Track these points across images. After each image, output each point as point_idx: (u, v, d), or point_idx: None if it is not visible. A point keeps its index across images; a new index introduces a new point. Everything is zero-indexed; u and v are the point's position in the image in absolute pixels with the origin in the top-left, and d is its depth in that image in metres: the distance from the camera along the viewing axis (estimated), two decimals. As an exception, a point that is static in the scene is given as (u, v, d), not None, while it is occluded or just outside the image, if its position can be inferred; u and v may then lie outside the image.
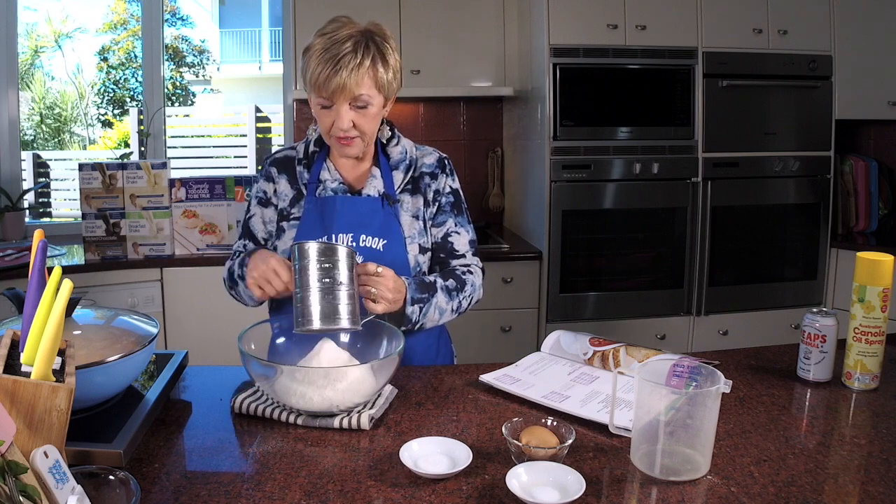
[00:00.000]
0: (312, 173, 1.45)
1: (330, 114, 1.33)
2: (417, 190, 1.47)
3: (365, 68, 1.30)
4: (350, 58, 1.28)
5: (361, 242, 1.40)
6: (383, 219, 1.42)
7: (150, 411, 1.08)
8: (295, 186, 1.47)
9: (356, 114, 1.33)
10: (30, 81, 5.49)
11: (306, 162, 1.47)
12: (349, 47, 1.29)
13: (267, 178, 1.50)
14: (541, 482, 0.91)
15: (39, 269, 0.91)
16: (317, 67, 1.29)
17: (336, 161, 1.47)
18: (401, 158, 1.47)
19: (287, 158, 1.50)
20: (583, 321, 2.88)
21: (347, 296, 1.18)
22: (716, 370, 0.98)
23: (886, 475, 0.95)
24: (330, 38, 1.31)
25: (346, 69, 1.28)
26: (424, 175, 1.48)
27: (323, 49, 1.30)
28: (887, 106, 3.09)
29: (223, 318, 2.72)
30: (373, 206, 1.42)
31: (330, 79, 1.28)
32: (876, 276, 1.23)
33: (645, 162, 2.86)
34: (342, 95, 1.30)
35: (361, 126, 1.35)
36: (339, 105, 1.31)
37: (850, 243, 3.10)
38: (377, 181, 1.44)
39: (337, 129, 1.33)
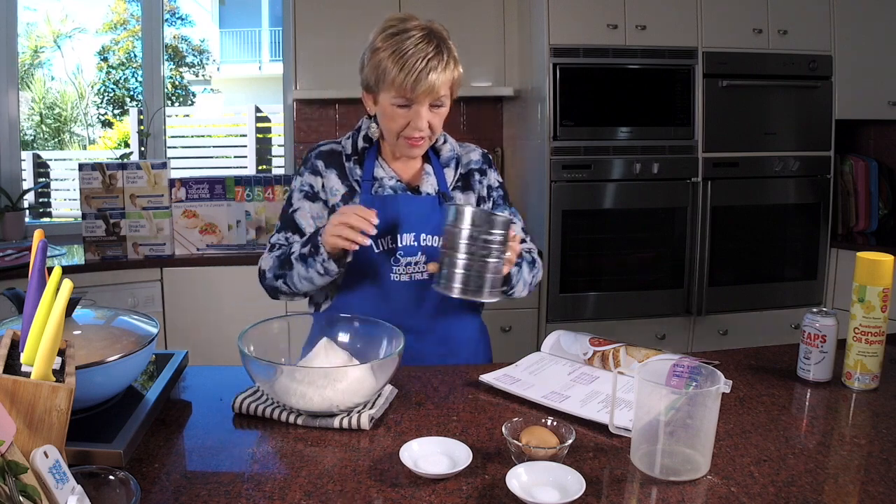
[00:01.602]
0: (366, 170, 1.44)
1: (407, 114, 1.34)
2: (469, 186, 1.50)
3: (449, 70, 1.32)
4: (437, 60, 1.30)
5: (422, 241, 1.41)
6: (441, 217, 1.42)
7: (150, 411, 1.08)
8: (346, 182, 1.45)
9: (431, 114, 1.35)
10: (30, 81, 5.49)
11: (356, 158, 1.46)
12: (433, 51, 1.30)
13: (313, 171, 1.47)
14: (541, 482, 0.91)
15: (39, 269, 0.91)
16: (402, 70, 1.29)
17: (388, 159, 1.47)
18: (451, 156, 1.50)
19: (333, 152, 1.48)
20: (583, 321, 2.88)
21: (494, 268, 1.17)
22: (716, 370, 0.98)
23: (886, 475, 0.95)
24: (405, 38, 1.31)
25: (435, 72, 1.29)
26: (474, 171, 1.52)
27: (405, 51, 1.30)
28: (887, 106, 3.09)
29: (223, 318, 2.72)
30: (431, 204, 1.44)
31: (419, 81, 1.29)
32: (876, 276, 1.23)
33: (645, 162, 2.86)
34: (428, 97, 1.32)
35: (434, 126, 1.37)
36: (420, 106, 1.33)
37: (850, 243, 3.10)
38: (432, 179, 1.46)
39: (413, 129, 1.35)
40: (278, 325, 1.30)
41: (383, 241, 1.41)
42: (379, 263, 1.41)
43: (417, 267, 1.42)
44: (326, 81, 3.05)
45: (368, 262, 1.41)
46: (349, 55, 3.01)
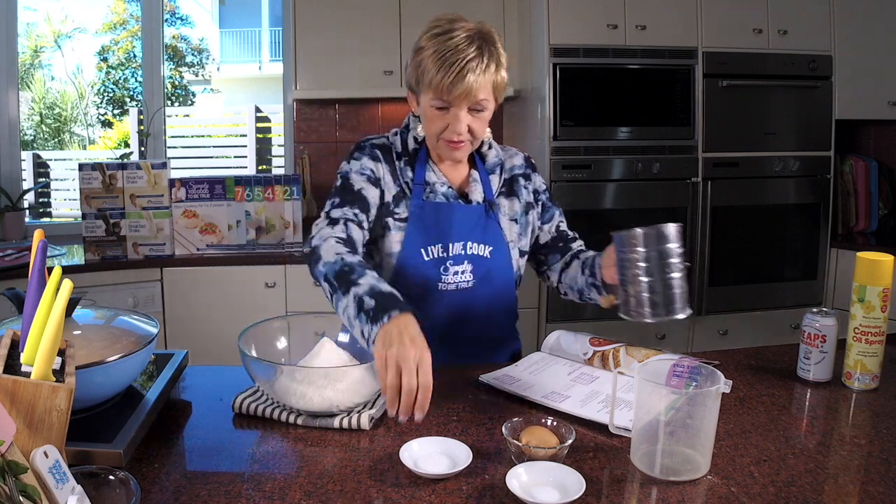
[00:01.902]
0: (417, 173, 1.40)
1: (445, 116, 1.30)
2: (512, 192, 1.47)
3: (490, 73, 1.27)
4: (477, 62, 1.25)
5: (469, 250, 1.39)
6: (486, 225, 1.41)
7: (150, 411, 1.08)
8: (397, 182, 1.40)
9: (472, 118, 1.30)
10: (30, 81, 5.49)
11: (408, 159, 1.41)
12: (474, 52, 1.26)
13: (373, 158, 1.40)
14: (541, 482, 0.91)
15: (39, 269, 0.91)
16: (440, 70, 1.25)
17: (437, 162, 1.43)
18: (496, 162, 1.47)
19: (385, 147, 1.43)
20: (583, 321, 2.88)
21: (679, 282, 1.09)
22: (716, 370, 0.98)
23: (886, 475, 0.95)
24: (448, 39, 1.27)
25: (473, 73, 1.25)
26: (518, 177, 1.49)
27: (445, 51, 1.26)
28: (887, 106, 3.09)
29: (223, 318, 2.72)
30: (479, 213, 1.41)
31: (456, 83, 1.25)
32: (876, 276, 1.23)
33: (645, 162, 2.86)
34: (465, 100, 1.27)
35: (475, 130, 1.32)
36: (459, 109, 1.29)
37: (850, 243, 3.10)
38: (479, 186, 1.43)
39: (451, 132, 1.31)
40: (278, 325, 1.30)
41: (433, 250, 1.37)
42: (427, 271, 1.37)
43: (464, 276, 1.39)
44: (326, 81, 3.06)
45: (417, 269, 1.37)
46: (349, 55, 3.04)
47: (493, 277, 1.42)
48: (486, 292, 1.42)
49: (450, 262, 1.38)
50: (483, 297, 1.42)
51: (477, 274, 1.40)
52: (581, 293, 1.42)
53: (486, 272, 1.41)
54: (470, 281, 1.40)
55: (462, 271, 1.39)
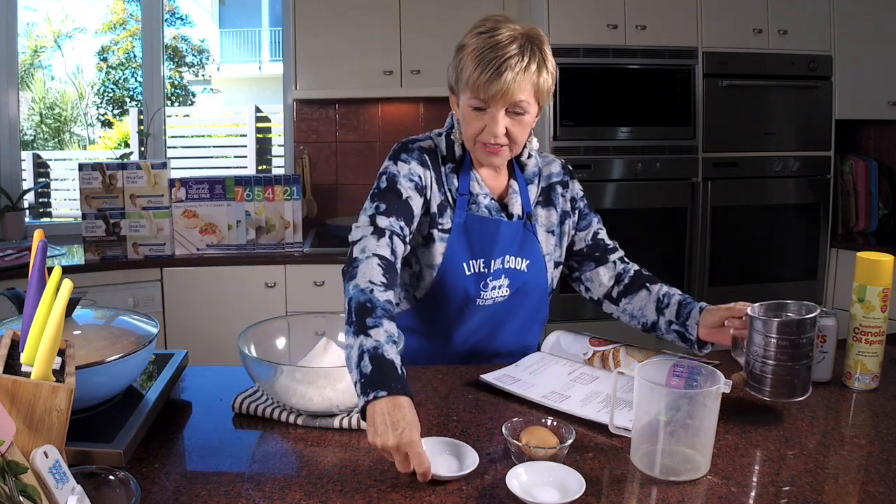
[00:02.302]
0: (462, 183, 1.34)
1: (483, 117, 1.25)
2: (549, 202, 1.43)
3: (530, 73, 1.22)
4: (516, 60, 1.20)
5: (507, 264, 1.36)
6: (524, 237, 1.38)
7: (150, 411, 1.08)
8: (442, 190, 1.34)
9: (511, 120, 1.25)
10: (30, 81, 5.49)
11: (454, 166, 1.35)
12: (514, 50, 1.20)
13: (422, 163, 1.32)
14: (541, 482, 0.91)
15: (39, 269, 0.92)
16: (477, 67, 1.21)
17: (479, 171, 1.37)
18: (534, 171, 1.42)
19: (432, 152, 1.35)
20: (583, 321, 2.87)
21: (805, 370, 1.11)
22: (716, 370, 0.98)
23: (886, 475, 0.95)
24: (490, 37, 1.22)
25: (512, 72, 1.19)
26: (556, 185, 1.44)
27: (484, 48, 1.21)
28: (887, 106, 3.09)
29: (223, 318, 2.72)
30: (518, 228, 1.37)
31: (492, 81, 1.20)
32: (876, 276, 1.23)
33: (645, 162, 2.86)
34: (502, 100, 1.22)
35: (514, 134, 1.26)
36: (496, 109, 1.23)
37: (850, 243, 3.10)
38: (517, 197, 1.38)
39: (488, 134, 1.25)
40: (278, 325, 1.30)
41: (475, 264, 1.34)
42: (468, 286, 1.34)
43: (500, 291, 1.37)
44: (326, 81, 3.05)
45: (457, 283, 1.34)
46: (349, 55, 3.04)
47: (528, 290, 1.40)
48: (521, 305, 1.40)
49: (490, 278, 1.36)
50: (517, 310, 1.40)
51: (512, 287, 1.38)
52: (651, 328, 1.39)
53: (521, 285, 1.38)
54: (506, 295, 1.38)
55: (499, 286, 1.37)
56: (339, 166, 3.39)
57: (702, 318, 1.29)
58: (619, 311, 1.44)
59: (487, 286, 1.36)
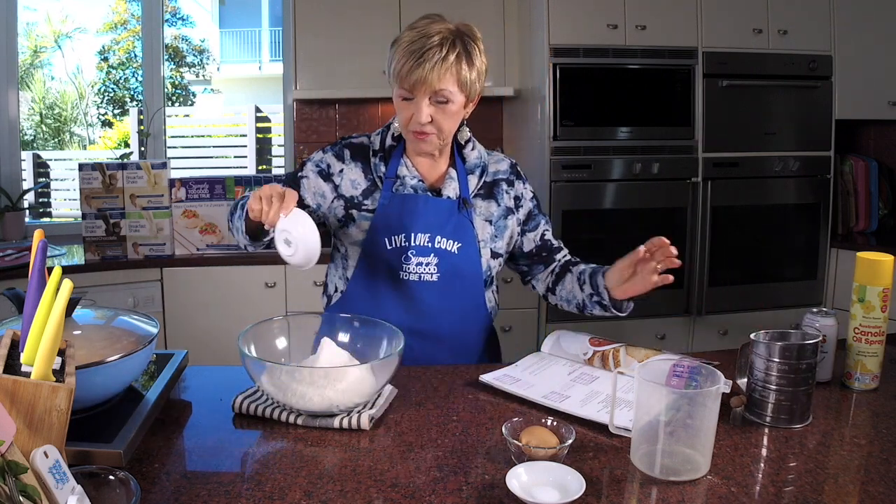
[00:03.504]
0: (390, 167, 1.44)
1: (410, 106, 1.34)
2: (491, 195, 1.49)
3: (449, 64, 1.30)
4: (435, 52, 1.29)
5: (437, 244, 1.41)
6: (458, 222, 1.43)
7: (150, 411, 1.08)
8: (369, 177, 1.45)
9: (435, 109, 1.34)
10: (30, 81, 5.49)
11: (383, 155, 1.46)
12: (436, 42, 1.30)
13: (337, 156, 1.48)
14: (541, 482, 0.91)
15: (39, 269, 0.91)
16: (401, 59, 1.30)
17: (413, 159, 1.46)
18: (476, 163, 1.49)
19: (363, 147, 1.49)
20: (583, 321, 2.87)
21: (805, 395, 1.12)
22: (716, 370, 0.98)
23: (886, 475, 0.95)
24: (419, 32, 1.32)
25: (430, 63, 1.28)
26: (500, 181, 1.51)
27: (410, 42, 1.31)
28: (887, 106, 3.09)
29: (223, 318, 2.72)
30: (450, 208, 1.43)
31: (412, 71, 1.29)
32: (876, 276, 1.23)
33: (645, 162, 2.86)
34: (423, 88, 1.31)
35: (439, 122, 1.35)
36: (420, 98, 1.32)
37: (850, 243, 3.10)
38: (454, 183, 1.45)
39: (415, 122, 1.34)
40: (278, 325, 1.30)
41: (396, 239, 1.41)
42: (390, 260, 1.41)
43: (428, 268, 1.41)
44: (326, 81, 3.06)
45: (380, 258, 1.42)
46: (349, 55, 3.04)
47: (459, 273, 1.44)
48: (453, 288, 1.44)
49: (412, 252, 1.41)
50: (449, 293, 1.44)
51: (442, 268, 1.42)
52: (582, 307, 1.48)
53: (451, 267, 1.42)
54: (434, 274, 1.42)
55: (426, 263, 1.41)
56: (339, 166, 3.38)
57: (606, 279, 1.41)
58: (557, 299, 1.54)
59: (410, 260, 1.41)
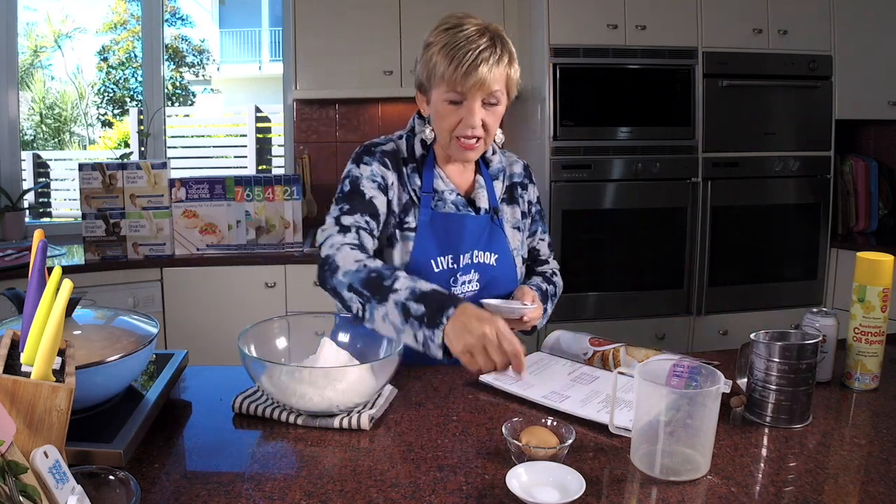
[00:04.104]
0: (425, 181, 1.36)
1: (458, 110, 1.28)
2: (513, 200, 1.46)
3: (504, 64, 1.26)
4: (490, 52, 1.24)
5: (475, 258, 1.38)
6: (491, 232, 1.40)
7: (150, 411, 1.08)
8: (405, 190, 1.36)
9: (485, 111, 1.28)
10: (30, 81, 5.49)
11: (415, 166, 1.37)
12: (486, 42, 1.25)
13: (384, 164, 1.35)
14: (541, 482, 0.91)
15: (39, 269, 0.91)
16: (452, 62, 1.24)
17: (444, 167, 1.39)
18: (499, 167, 1.46)
19: (394, 154, 1.38)
20: (583, 321, 2.88)
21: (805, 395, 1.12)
22: (716, 370, 0.98)
23: (886, 475, 0.95)
24: (458, 32, 1.26)
25: (487, 64, 1.23)
26: (517, 185, 1.48)
27: (456, 43, 1.25)
28: (887, 106, 3.09)
29: (223, 318, 2.72)
30: (486, 222, 1.40)
31: (470, 72, 1.23)
32: (876, 276, 1.23)
33: (645, 162, 2.86)
34: (479, 91, 1.25)
35: (489, 125, 1.29)
36: (473, 101, 1.26)
37: (850, 243, 3.10)
38: (484, 191, 1.40)
39: (465, 126, 1.28)
40: (278, 325, 1.30)
41: (444, 260, 1.35)
42: (439, 283, 1.30)
43: (471, 285, 1.38)
44: (326, 81, 3.06)
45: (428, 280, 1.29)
46: (349, 55, 3.04)
47: (497, 285, 1.41)
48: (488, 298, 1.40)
49: (459, 273, 1.37)
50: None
51: (482, 282, 1.39)
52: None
53: (490, 279, 1.40)
54: (476, 290, 1.39)
55: (469, 280, 1.38)
56: (339, 166, 3.39)
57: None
58: None
59: (458, 281, 1.37)
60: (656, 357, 1.30)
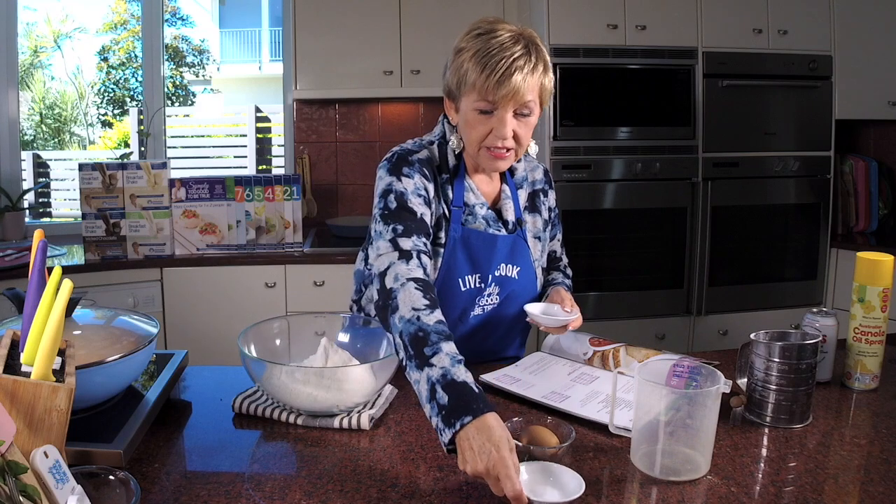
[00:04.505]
0: (456, 194, 1.31)
1: (489, 120, 1.22)
2: (535, 208, 1.43)
3: (538, 74, 1.21)
4: (525, 60, 1.18)
5: (496, 272, 1.35)
6: (515, 244, 1.37)
7: (150, 411, 1.08)
8: (440, 203, 1.31)
9: (517, 122, 1.23)
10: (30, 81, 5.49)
11: (448, 177, 1.32)
12: (521, 50, 1.19)
13: (423, 175, 1.28)
14: (541, 482, 0.91)
15: (39, 269, 0.92)
16: (485, 70, 1.18)
17: (473, 178, 1.35)
18: (523, 176, 1.43)
19: (430, 163, 1.31)
20: (583, 321, 2.87)
21: (805, 395, 1.12)
22: (716, 370, 0.98)
23: (886, 475, 0.95)
24: (492, 38, 1.20)
25: (521, 72, 1.17)
26: (538, 192, 1.45)
27: (490, 50, 1.18)
28: (887, 106, 3.09)
29: (223, 318, 2.72)
30: (513, 238, 1.37)
31: (502, 83, 1.17)
32: (876, 276, 1.23)
33: (645, 162, 2.86)
34: (512, 100, 1.19)
35: (521, 136, 1.24)
36: (504, 111, 1.20)
37: (850, 243, 3.10)
38: (510, 202, 1.38)
39: (495, 137, 1.22)
40: (278, 325, 1.30)
41: (471, 279, 1.33)
42: (464, 301, 1.33)
43: (491, 298, 1.37)
44: (326, 81, 3.05)
45: (453, 300, 1.32)
46: (349, 55, 3.04)
47: (517, 297, 1.39)
48: (509, 311, 1.40)
49: (485, 291, 1.35)
50: (506, 317, 1.40)
51: (502, 295, 1.37)
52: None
53: (510, 292, 1.38)
54: (496, 303, 1.37)
55: (489, 294, 1.36)
56: (339, 166, 3.39)
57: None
58: None
59: (483, 297, 1.35)
60: (656, 357, 1.29)
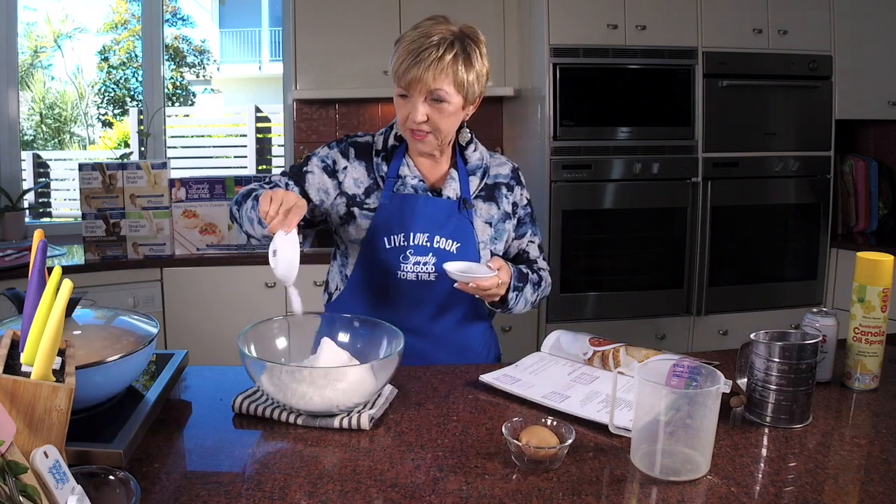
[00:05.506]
0: (391, 167, 1.46)
1: (406, 105, 1.37)
2: (492, 198, 1.50)
3: (445, 64, 1.32)
4: (432, 52, 1.31)
5: (435, 244, 1.42)
6: (458, 222, 1.44)
7: (150, 411, 1.08)
8: (371, 176, 1.46)
9: (431, 108, 1.35)
10: (30, 81, 5.49)
11: (384, 154, 1.47)
12: (434, 42, 1.32)
13: (343, 153, 1.49)
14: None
15: (39, 269, 0.92)
16: (400, 57, 1.33)
17: (415, 159, 1.47)
18: (478, 164, 1.51)
19: (367, 145, 1.50)
20: (583, 321, 2.88)
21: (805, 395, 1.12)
22: (716, 370, 0.98)
23: (886, 475, 0.95)
24: (420, 32, 1.34)
25: (426, 62, 1.30)
26: (500, 185, 1.53)
27: (410, 41, 1.33)
28: (887, 106, 3.09)
29: (223, 318, 2.72)
30: (450, 208, 1.45)
31: (408, 70, 1.31)
32: (876, 276, 1.23)
33: (645, 162, 2.86)
34: (418, 87, 1.32)
35: (435, 121, 1.36)
36: (416, 97, 1.34)
37: (850, 243, 3.10)
38: (455, 184, 1.47)
39: (411, 120, 1.36)
40: (278, 325, 1.30)
41: (395, 238, 1.42)
42: (388, 259, 1.42)
43: (426, 267, 1.42)
44: (326, 81, 3.06)
45: (379, 257, 1.43)
46: (349, 55, 3.04)
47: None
48: (449, 287, 1.42)
49: (410, 252, 1.42)
50: (445, 292, 1.43)
51: (440, 267, 1.42)
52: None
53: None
54: (432, 274, 1.42)
55: (424, 262, 1.42)
56: (339, 166, 3.39)
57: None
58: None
59: (408, 260, 1.42)
60: (656, 357, 1.29)
